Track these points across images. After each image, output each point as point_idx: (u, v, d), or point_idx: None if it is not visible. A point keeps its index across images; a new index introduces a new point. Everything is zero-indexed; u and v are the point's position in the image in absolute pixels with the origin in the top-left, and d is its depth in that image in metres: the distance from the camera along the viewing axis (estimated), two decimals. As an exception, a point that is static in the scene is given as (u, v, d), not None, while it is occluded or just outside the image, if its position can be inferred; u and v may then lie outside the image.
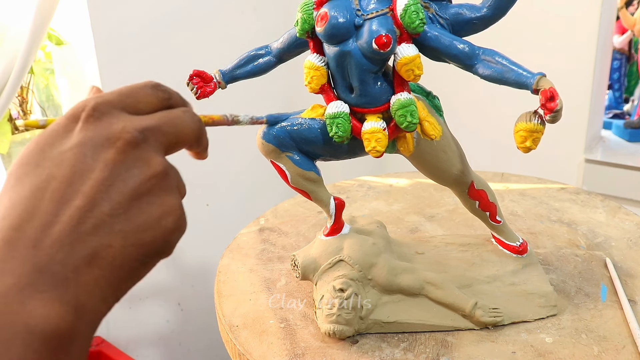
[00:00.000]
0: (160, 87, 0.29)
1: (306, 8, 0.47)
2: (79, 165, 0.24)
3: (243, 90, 1.36)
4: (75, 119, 0.26)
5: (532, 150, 0.43)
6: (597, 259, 0.63)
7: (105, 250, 0.24)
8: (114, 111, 0.26)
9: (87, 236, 0.24)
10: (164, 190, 0.26)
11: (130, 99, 0.27)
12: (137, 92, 0.28)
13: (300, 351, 0.50)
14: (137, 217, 0.25)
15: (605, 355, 0.47)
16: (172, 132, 0.28)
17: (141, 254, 0.25)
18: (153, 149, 0.26)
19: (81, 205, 0.24)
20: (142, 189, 0.25)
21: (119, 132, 0.25)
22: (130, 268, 0.25)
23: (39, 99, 1.24)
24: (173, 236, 0.26)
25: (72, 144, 0.25)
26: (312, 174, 0.53)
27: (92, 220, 0.24)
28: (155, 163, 0.26)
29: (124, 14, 1.11)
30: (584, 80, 1.26)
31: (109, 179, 0.24)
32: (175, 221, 0.26)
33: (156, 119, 0.27)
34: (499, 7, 0.45)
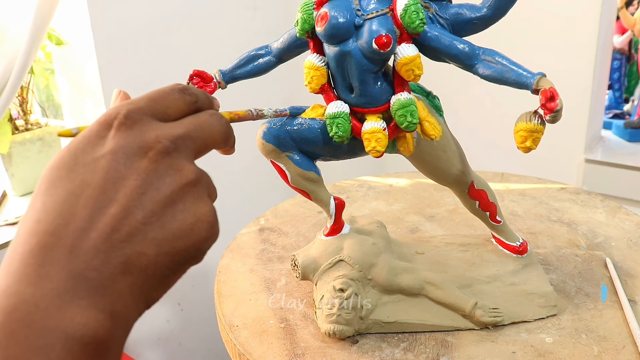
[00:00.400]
0: (188, 91, 0.29)
1: (306, 8, 0.47)
2: (113, 173, 0.25)
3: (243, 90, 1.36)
4: (107, 125, 0.26)
5: (532, 150, 0.43)
6: (597, 259, 0.63)
7: (138, 258, 0.24)
8: (145, 118, 0.27)
9: (122, 244, 0.24)
10: (196, 198, 0.26)
11: (159, 105, 0.28)
12: (166, 98, 0.28)
13: (300, 351, 0.50)
14: (170, 225, 0.25)
15: (605, 355, 0.47)
16: (201, 138, 0.28)
17: (174, 262, 0.25)
18: (184, 156, 0.27)
19: (116, 213, 0.24)
20: (174, 197, 0.26)
21: (152, 142, 0.26)
22: (162, 276, 0.25)
23: (39, 99, 1.24)
24: (206, 244, 0.27)
25: (105, 151, 0.25)
26: (312, 174, 0.53)
27: (127, 228, 0.24)
28: (187, 171, 0.26)
29: (124, 14, 1.12)
30: (584, 80, 1.25)
31: (142, 187, 0.25)
32: (208, 229, 0.26)
33: (185, 126, 0.28)
34: (499, 7, 0.45)
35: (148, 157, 0.26)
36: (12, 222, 1.02)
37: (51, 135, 1.16)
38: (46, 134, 1.15)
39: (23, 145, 1.12)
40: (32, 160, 1.14)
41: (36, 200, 0.25)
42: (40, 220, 0.24)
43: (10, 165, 1.12)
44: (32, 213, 0.24)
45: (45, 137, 1.15)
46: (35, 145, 1.14)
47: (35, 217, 0.24)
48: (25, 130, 1.14)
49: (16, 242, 0.24)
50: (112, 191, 0.24)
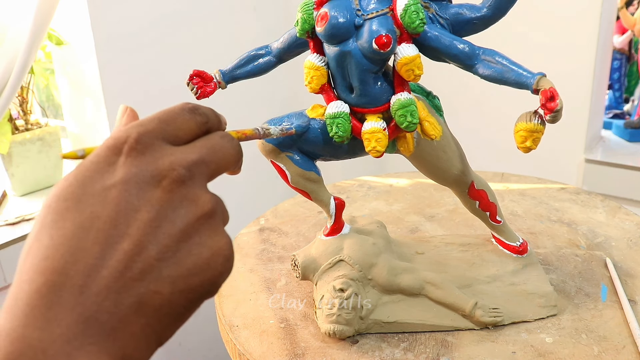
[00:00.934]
0: (198, 111, 0.28)
1: (306, 8, 0.47)
2: (124, 205, 0.23)
3: (243, 90, 1.36)
4: (117, 150, 0.24)
5: (532, 150, 0.43)
6: (597, 259, 0.63)
7: (152, 297, 0.23)
8: (157, 143, 0.25)
9: (135, 282, 0.22)
10: (212, 230, 0.25)
11: (170, 127, 0.26)
12: (176, 119, 0.27)
13: (300, 351, 0.50)
14: (186, 260, 0.24)
15: (605, 355, 0.47)
16: (214, 162, 0.27)
17: (188, 300, 0.24)
18: (199, 185, 0.25)
19: (128, 249, 0.23)
20: (190, 230, 0.24)
21: (166, 170, 0.24)
22: (176, 314, 0.24)
23: (39, 99, 1.24)
24: (221, 278, 0.25)
25: (115, 181, 0.24)
26: (312, 174, 0.53)
27: (140, 265, 0.23)
28: (203, 201, 0.25)
29: (124, 14, 1.11)
30: (584, 80, 1.25)
31: (155, 220, 0.23)
32: (224, 262, 0.25)
33: (199, 150, 0.26)
34: (499, 7, 0.45)
35: (162, 186, 0.24)
36: (12, 222, 1.02)
37: (51, 135, 1.16)
38: (46, 134, 1.15)
39: (23, 145, 1.12)
40: (32, 160, 1.14)
41: (42, 233, 0.23)
42: (48, 256, 0.22)
43: (10, 165, 1.12)
44: (38, 247, 0.23)
45: (45, 137, 1.15)
46: (35, 145, 1.14)
47: (43, 253, 0.22)
48: (25, 130, 1.14)
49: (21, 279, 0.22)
50: (124, 225, 0.23)
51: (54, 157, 1.18)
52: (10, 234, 0.99)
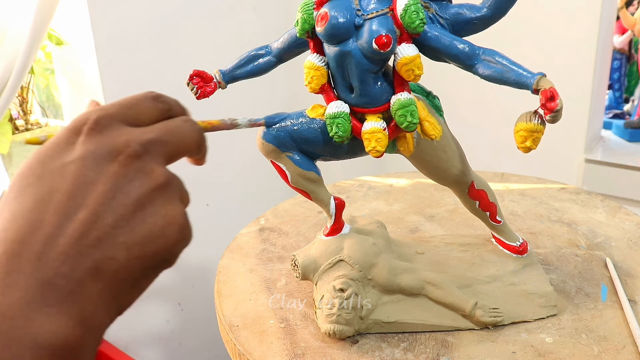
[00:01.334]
0: (160, 99, 0.29)
1: (306, 8, 0.47)
2: (82, 179, 0.24)
3: (243, 90, 1.36)
4: (77, 131, 0.26)
5: (532, 150, 0.43)
6: (597, 259, 0.63)
7: (108, 263, 0.24)
8: (115, 124, 0.26)
9: (91, 249, 0.23)
10: (167, 201, 0.26)
11: (131, 111, 0.27)
12: (138, 105, 0.28)
13: (300, 351, 0.50)
14: (140, 228, 0.25)
15: (605, 355, 0.47)
16: (173, 142, 0.28)
17: (144, 266, 0.25)
18: (154, 160, 0.26)
19: (85, 219, 0.24)
20: (144, 200, 0.25)
21: (122, 146, 0.25)
22: (133, 280, 0.25)
23: (39, 99, 1.24)
24: (177, 247, 0.26)
25: (74, 157, 0.25)
26: (312, 174, 0.53)
27: (96, 233, 0.24)
28: (157, 174, 0.26)
29: (124, 14, 1.12)
30: (584, 80, 1.26)
31: (111, 191, 0.25)
32: (179, 231, 0.26)
33: (157, 130, 0.27)
34: (499, 7, 0.45)
35: (118, 161, 0.25)
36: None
37: (51, 135, 1.16)
38: (46, 134, 1.15)
39: (23, 145, 1.12)
40: (32, 160, 1.14)
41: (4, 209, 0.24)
42: (8, 229, 0.23)
43: (10, 165, 1.12)
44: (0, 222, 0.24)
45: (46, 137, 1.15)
46: (35, 145, 1.14)
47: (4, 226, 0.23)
48: (25, 130, 1.14)
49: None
50: (81, 197, 0.24)
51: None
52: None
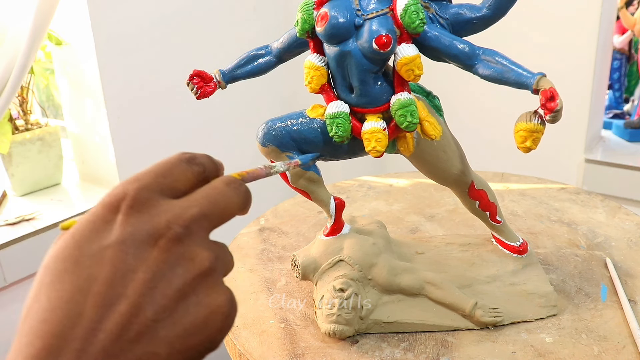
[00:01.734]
0: (195, 160, 0.28)
1: (306, 8, 0.47)
2: (121, 265, 0.23)
3: (243, 90, 1.36)
4: (114, 209, 0.25)
5: (532, 150, 0.43)
6: (597, 259, 0.63)
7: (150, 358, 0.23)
8: (154, 197, 0.25)
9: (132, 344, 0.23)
10: (210, 288, 0.25)
11: (167, 180, 0.26)
12: (173, 171, 0.27)
13: (300, 351, 0.50)
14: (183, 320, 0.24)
15: (605, 355, 0.47)
16: (216, 214, 0.26)
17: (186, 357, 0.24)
18: (197, 242, 0.25)
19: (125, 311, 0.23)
20: (187, 289, 0.24)
21: (163, 228, 0.24)
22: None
23: (39, 99, 1.24)
24: (220, 336, 0.25)
25: (112, 241, 0.24)
26: (312, 174, 0.53)
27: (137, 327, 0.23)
28: (201, 259, 0.25)
29: (124, 14, 1.12)
30: (584, 80, 1.26)
31: (152, 280, 0.23)
32: (223, 320, 0.25)
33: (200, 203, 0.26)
34: (499, 7, 0.45)
35: (159, 246, 0.24)
36: (12, 222, 1.02)
37: (51, 135, 1.16)
38: (46, 134, 1.15)
39: (23, 145, 1.12)
40: (32, 160, 1.14)
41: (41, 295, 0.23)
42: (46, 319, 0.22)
43: (10, 165, 1.12)
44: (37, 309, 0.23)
45: (45, 137, 1.15)
46: (35, 145, 1.14)
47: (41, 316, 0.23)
48: (25, 130, 1.14)
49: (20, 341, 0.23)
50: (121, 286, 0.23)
51: (54, 157, 1.18)
52: (10, 234, 0.99)
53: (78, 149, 1.24)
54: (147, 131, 1.21)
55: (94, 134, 1.18)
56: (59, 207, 1.11)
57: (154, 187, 0.25)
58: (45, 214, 1.06)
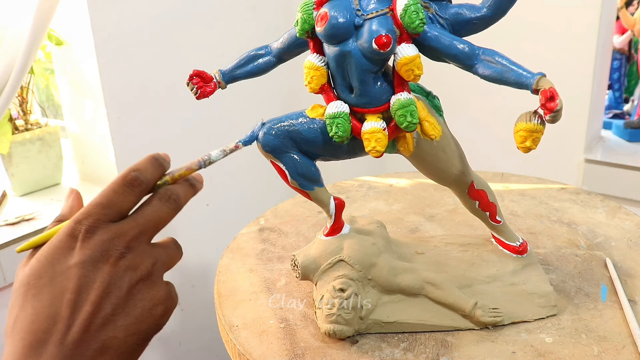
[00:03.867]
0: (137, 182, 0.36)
1: (306, 8, 0.47)
2: (84, 279, 0.33)
3: (243, 90, 1.36)
4: (74, 238, 0.34)
5: (532, 150, 0.42)
6: (597, 259, 0.63)
7: (112, 341, 0.33)
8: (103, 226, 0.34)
9: (97, 332, 0.32)
10: (151, 287, 0.35)
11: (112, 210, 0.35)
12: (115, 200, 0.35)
13: (300, 351, 0.50)
14: (133, 312, 0.34)
15: (605, 355, 0.47)
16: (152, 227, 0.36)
17: (140, 339, 0.34)
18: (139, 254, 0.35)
19: (90, 310, 0.32)
20: (133, 290, 0.34)
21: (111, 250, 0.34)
22: (131, 350, 0.34)
23: (39, 99, 1.24)
24: (163, 319, 0.36)
25: (76, 261, 0.33)
26: (312, 174, 0.53)
27: (100, 320, 0.33)
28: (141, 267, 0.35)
29: (124, 14, 1.11)
30: (584, 80, 1.25)
31: (107, 287, 0.33)
32: (164, 309, 0.35)
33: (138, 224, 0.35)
34: (499, 7, 0.45)
35: (109, 263, 0.34)
36: (12, 222, 1.02)
37: (51, 135, 1.16)
38: (46, 134, 1.15)
39: (23, 145, 1.12)
40: (32, 160, 1.14)
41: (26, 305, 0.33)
42: (34, 321, 0.32)
43: (10, 165, 1.12)
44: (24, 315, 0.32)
45: (45, 137, 1.15)
46: (35, 145, 1.14)
47: (29, 319, 0.32)
48: (25, 130, 1.14)
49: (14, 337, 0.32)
50: (86, 293, 0.33)
51: (54, 157, 1.18)
52: (10, 234, 0.99)
53: (78, 148, 1.24)
54: (147, 131, 1.21)
55: (93, 134, 1.18)
56: (59, 207, 1.11)
57: (102, 218, 0.35)
58: (45, 214, 1.06)
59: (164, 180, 0.40)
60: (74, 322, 0.32)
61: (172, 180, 0.40)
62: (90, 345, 0.32)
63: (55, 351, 0.31)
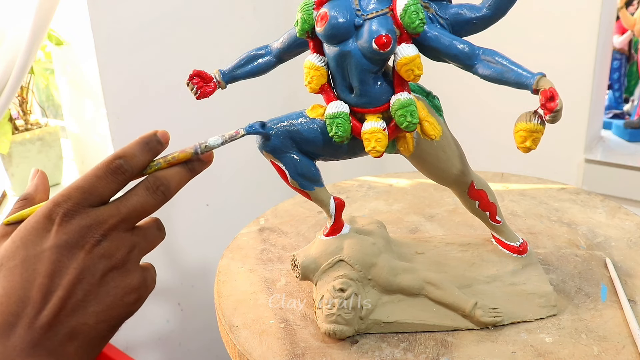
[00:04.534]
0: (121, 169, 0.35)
1: (306, 8, 0.47)
2: (57, 264, 0.32)
3: (243, 90, 1.36)
4: (50, 220, 0.33)
5: (532, 150, 0.42)
6: (597, 259, 0.63)
7: (82, 327, 0.32)
8: (81, 210, 0.33)
9: (67, 318, 0.32)
10: (125, 275, 0.34)
11: (93, 195, 0.34)
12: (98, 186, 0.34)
13: (300, 351, 0.50)
14: (105, 299, 0.33)
15: (605, 355, 0.47)
16: (134, 216, 0.35)
17: (110, 325, 0.34)
18: (115, 242, 0.34)
19: (62, 295, 0.32)
20: (107, 278, 0.34)
21: (88, 236, 0.33)
22: (101, 337, 0.34)
23: (39, 99, 1.24)
24: (135, 306, 0.35)
25: (50, 244, 0.32)
26: (312, 174, 0.53)
27: (71, 306, 0.32)
28: (117, 256, 0.34)
29: (124, 14, 1.12)
30: (584, 80, 1.25)
31: (81, 274, 0.33)
32: (137, 297, 0.35)
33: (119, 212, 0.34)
34: (499, 7, 0.45)
35: (85, 249, 0.33)
36: (12, 222, 1.02)
37: (51, 135, 1.16)
38: (46, 134, 1.15)
39: (23, 145, 1.12)
40: (32, 160, 1.14)
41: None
42: (3, 302, 0.31)
43: (10, 165, 1.12)
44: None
45: (45, 137, 1.15)
46: (35, 145, 1.14)
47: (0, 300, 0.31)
48: (25, 130, 1.14)
49: None
50: (58, 278, 0.32)
51: (54, 157, 1.18)
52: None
53: (78, 148, 1.24)
54: (147, 131, 1.21)
55: (93, 134, 1.18)
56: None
57: (82, 203, 0.34)
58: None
59: (156, 162, 0.38)
60: (44, 306, 0.31)
61: (165, 163, 0.38)
62: (60, 330, 0.32)
63: (23, 334, 0.30)
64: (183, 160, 0.39)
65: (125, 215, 0.35)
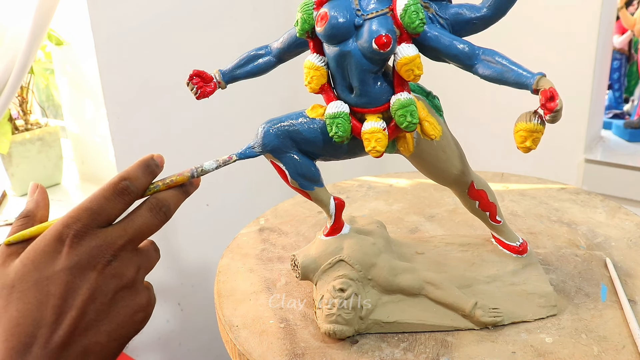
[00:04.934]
0: (127, 191, 0.37)
1: (306, 8, 0.47)
2: (70, 285, 0.33)
3: (243, 90, 1.36)
4: (61, 242, 0.34)
5: (532, 150, 0.42)
6: (597, 259, 0.63)
7: (94, 346, 0.34)
8: (91, 232, 0.35)
9: (81, 337, 0.33)
10: (134, 294, 0.36)
11: (101, 216, 0.35)
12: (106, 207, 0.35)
13: (300, 351, 0.50)
14: (116, 318, 0.35)
15: (605, 355, 0.47)
16: (139, 237, 0.37)
17: (120, 343, 0.36)
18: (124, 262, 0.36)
19: (75, 316, 0.33)
20: (117, 297, 0.35)
21: (98, 256, 0.34)
22: (112, 355, 0.35)
23: (39, 99, 1.24)
24: (142, 324, 0.37)
25: (62, 267, 0.34)
26: (312, 174, 0.53)
27: (84, 325, 0.34)
28: (126, 276, 0.36)
29: (124, 14, 1.12)
30: (584, 80, 1.25)
31: (93, 294, 0.34)
32: (144, 315, 0.37)
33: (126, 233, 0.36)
34: (499, 7, 0.45)
35: (96, 270, 0.34)
36: (12, 222, 1.02)
37: (51, 135, 1.16)
38: (46, 134, 1.15)
39: (23, 145, 1.12)
40: (32, 160, 1.14)
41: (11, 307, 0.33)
42: (19, 324, 0.32)
43: (10, 165, 1.12)
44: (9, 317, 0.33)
45: (45, 137, 1.15)
46: (35, 145, 1.14)
47: (14, 321, 0.32)
48: (25, 130, 1.14)
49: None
50: (72, 299, 0.33)
51: (54, 157, 1.18)
52: (10, 234, 0.99)
53: (78, 149, 1.24)
54: (147, 131, 1.21)
55: (93, 134, 1.18)
56: (59, 207, 1.11)
57: (91, 224, 0.35)
58: (45, 214, 1.06)
59: (155, 184, 0.40)
60: (58, 326, 0.33)
61: (164, 186, 0.40)
62: (74, 349, 0.33)
63: (39, 354, 0.32)
64: (180, 183, 0.41)
65: (132, 236, 0.36)
